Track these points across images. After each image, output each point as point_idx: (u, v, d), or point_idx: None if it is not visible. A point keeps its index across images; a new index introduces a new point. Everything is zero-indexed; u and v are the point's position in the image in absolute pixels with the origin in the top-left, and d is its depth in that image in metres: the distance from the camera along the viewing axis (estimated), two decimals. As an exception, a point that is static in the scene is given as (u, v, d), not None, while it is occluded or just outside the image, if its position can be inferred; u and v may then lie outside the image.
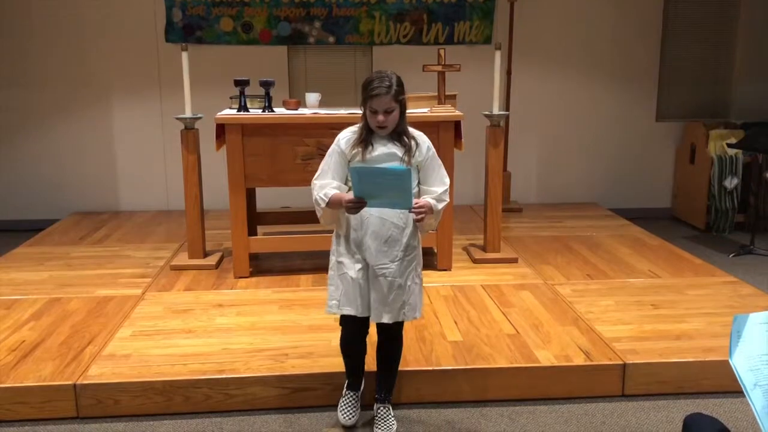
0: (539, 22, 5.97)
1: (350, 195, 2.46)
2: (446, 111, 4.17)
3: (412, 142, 2.56)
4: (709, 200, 5.74)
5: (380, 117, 2.47)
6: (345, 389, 2.82)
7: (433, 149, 2.62)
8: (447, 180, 2.63)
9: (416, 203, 2.45)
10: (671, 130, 6.30)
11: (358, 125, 2.59)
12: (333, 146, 2.60)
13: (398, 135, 2.54)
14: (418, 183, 2.59)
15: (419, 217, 2.47)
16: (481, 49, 5.89)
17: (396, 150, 2.53)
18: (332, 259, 2.66)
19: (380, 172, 2.40)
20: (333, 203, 2.51)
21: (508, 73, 5.84)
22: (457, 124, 4.16)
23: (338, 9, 5.80)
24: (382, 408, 2.77)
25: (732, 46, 6.23)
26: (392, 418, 2.75)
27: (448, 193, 2.61)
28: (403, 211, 2.52)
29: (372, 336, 2.73)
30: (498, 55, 4.32)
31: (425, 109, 4.21)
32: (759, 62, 6.22)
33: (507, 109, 5.82)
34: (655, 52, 6.15)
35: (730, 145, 5.53)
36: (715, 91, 6.32)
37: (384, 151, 2.52)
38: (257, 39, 5.82)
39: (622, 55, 6.11)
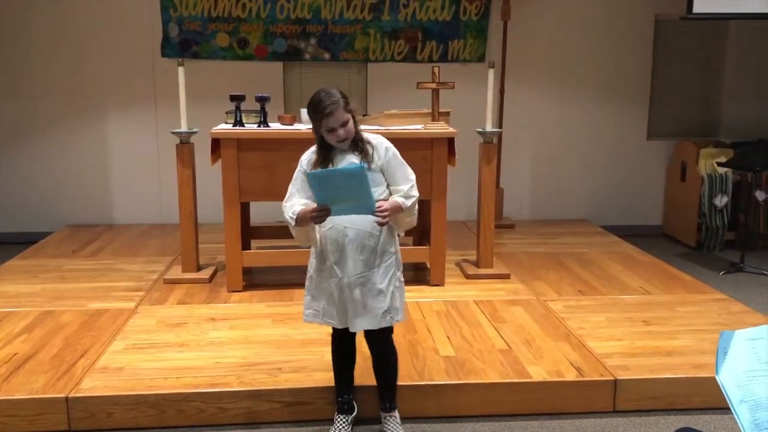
0: (532, 41, 6.04)
1: (314, 206, 2.49)
2: (440, 128, 4.21)
3: (368, 147, 2.59)
4: (700, 218, 5.79)
5: (340, 132, 2.51)
6: (336, 413, 2.82)
7: (393, 149, 2.65)
8: (412, 176, 2.66)
9: (379, 206, 2.47)
10: (662, 149, 6.37)
11: (314, 146, 2.64)
12: (297, 169, 2.66)
13: (354, 144, 2.59)
14: (387, 186, 2.62)
15: (383, 220, 2.48)
16: (474, 66, 5.94)
17: (355, 159, 2.57)
18: (310, 270, 2.70)
19: (335, 174, 2.45)
20: (300, 219, 2.55)
21: (501, 90, 5.89)
22: (450, 141, 4.20)
23: (333, 26, 5.86)
24: (389, 417, 2.78)
25: (721, 66, 6.32)
26: (400, 426, 2.77)
27: (415, 187, 2.64)
28: (375, 218, 2.55)
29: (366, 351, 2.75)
30: (491, 73, 4.37)
31: (419, 126, 4.25)
32: (747, 83, 6.31)
33: (500, 126, 5.86)
34: (646, 71, 6.23)
35: (720, 164, 5.59)
36: (706, 111, 6.40)
37: (344, 163, 2.56)
38: (253, 55, 5.86)
39: (614, 74, 6.19)
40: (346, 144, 2.56)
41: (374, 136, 2.67)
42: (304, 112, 4.39)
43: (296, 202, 2.60)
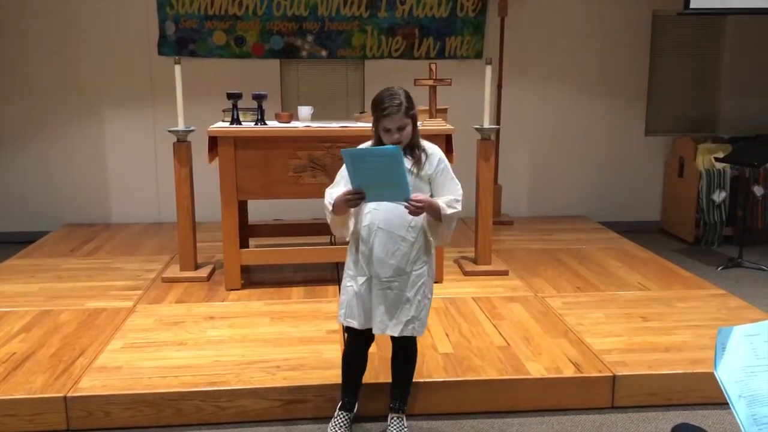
0: (529, 37, 6.03)
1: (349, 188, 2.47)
2: (437, 125, 4.20)
3: (422, 155, 2.58)
4: (698, 214, 5.79)
5: (395, 135, 2.49)
6: (338, 409, 2.81)
7: (446, 162, 2.63)
8: (460, 191, 2.63)
9: (415, 197, 2.44)
10: (660, 144, 6.37)
11: (371, 140, 2.63)
12: None
13: (410, 148, 2.56)
14: (431, 195, 2.60)
15: (414, 209, 2.44)
16: (472, 63, 5.94)
17: (406, 163, 2.53)
18: (345, 268, 2.70)
19: (370, 153, 2.44)
20: (337, 205, 2.52)
21: (499, 87, 5.89)
22: (448, 138, 4.20)
23: (330, 23, 5.85)
24: (395, 417, 2.78)
25: (719, 62, 6.32)
26: (405, 429, 2.76)
27: (460, 202, 2.61)
28: (413, 226, 2.53)
29: (383, 351, 2.75)
30: (489, 69, 4.37)
31: (417, 123, 4.24)
32: (745, 78, 6.31)
33: (498, 122, 5.86)
34: (643, 67, 6.22)
35: (718, 159, 5.59)
36: (703, 106, 6.40)
37: None
38: (250, 52, 5.85)
39: (611, 70, 6.18)
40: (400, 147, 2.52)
41: (431, 145, 2.65)
42: (301, 109, 4.44)
43: (339, 190, 2.56)
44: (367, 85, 5.97)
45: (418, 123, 4.17)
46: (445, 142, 4.18)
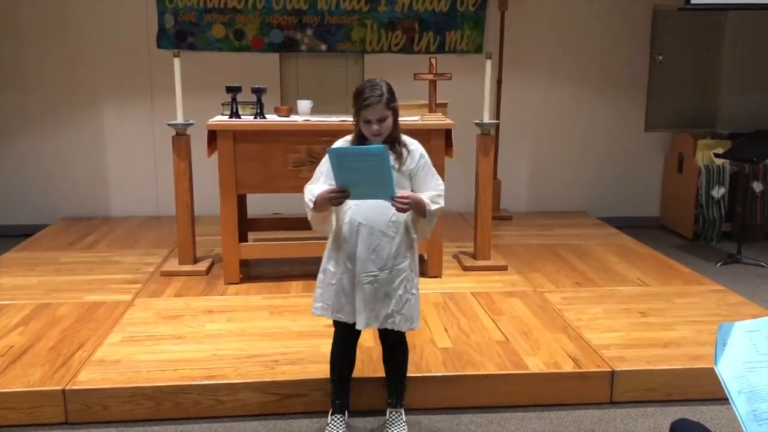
0: (530, 32, 6.02)
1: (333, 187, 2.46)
2: (437, 119, 4.19)
3: (403, 150, 2.56)
4: (697, 209, 5.79)
5: (374, 126, 2.47)
6: (330, 414, 2.79)
7: (427, 157, 2.62)
8: (442, 187, 2.62)
9: (401, 193, 2.42)
10: (660, 140, 6.36)
11: (351, 135, 2.61)
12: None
13: (390, 143, 2.54)
14: (412, 191, 2.58)
15: (402, 206, 2.43)
16: (471, 58, 5.92)
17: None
18: (323, 263, 2.67)
19: (357, 152, 2.42)
20: (319, 203, 2.50)
21: (499, 82, 5.88)
22: (447, 133, 4.19)
23: (330, 17, 5.83)
24: (393, 412, 2.78)
25: (719, 58, 6.31)
26: (403, 423, 2.76)
27: (442, 197, 2.59)
28: (393, 221, 2.52)
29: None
30: (489, 64, 4.36)
31: (416, 117, 4.23)
32: (745, 74, 6.30)
33: (497, 117, 5.85)
34: (643, 62, 6.21)
35: (717, 155, 5.59)
36: (703, 102, 6.39)
37: None
38: (249, 46, 5.83)
39: (611, 65, 6.17)
40: (380, 139, 2.50)
41: (411, 140, 2.63)
42: (300, 103, 4.43)
43: (319, 186, 2.54)
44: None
45: (417, 117, 4.20)
46: (445, 137, 4.18)
